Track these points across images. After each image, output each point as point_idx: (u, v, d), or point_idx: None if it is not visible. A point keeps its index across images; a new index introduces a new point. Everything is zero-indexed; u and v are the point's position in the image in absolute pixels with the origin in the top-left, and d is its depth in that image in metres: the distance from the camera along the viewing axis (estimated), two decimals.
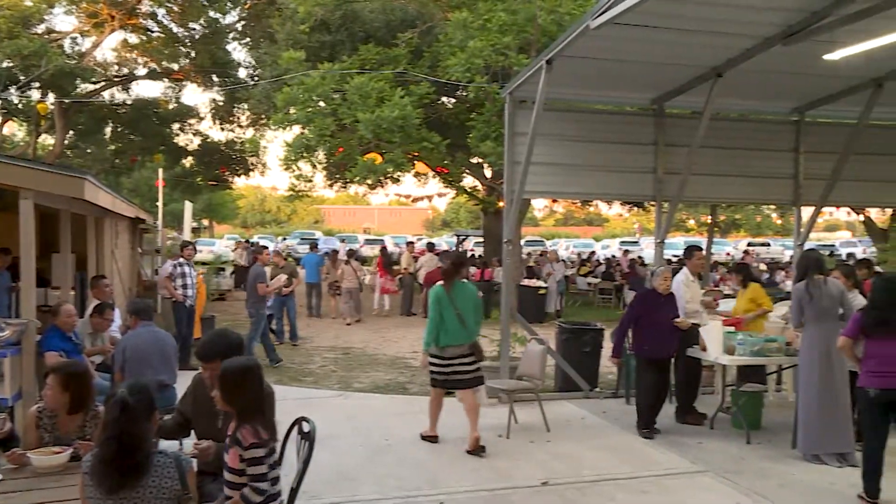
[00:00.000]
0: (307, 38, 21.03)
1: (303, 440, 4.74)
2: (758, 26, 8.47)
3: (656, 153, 10.87)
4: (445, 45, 18.32)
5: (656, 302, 8.53)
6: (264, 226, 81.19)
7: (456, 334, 7.79)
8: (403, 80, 19.04)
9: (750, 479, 7.00)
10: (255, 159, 32.29)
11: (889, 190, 12.26)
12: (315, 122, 18.72)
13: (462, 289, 7.90)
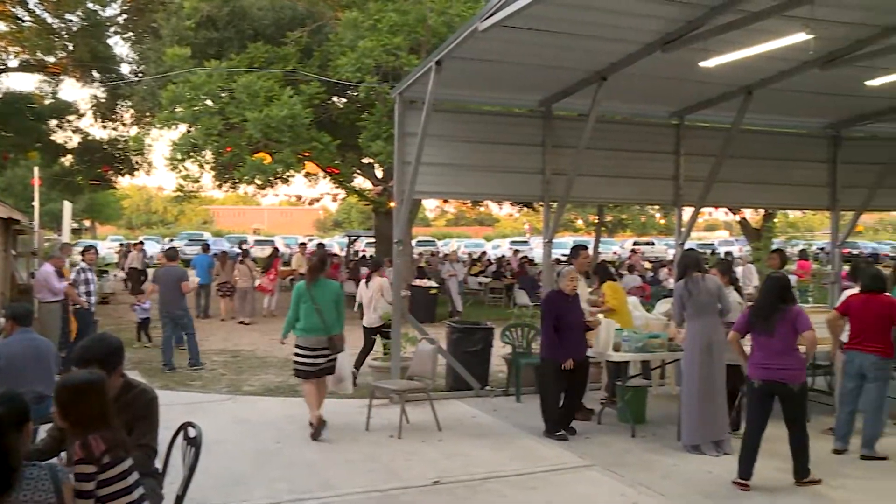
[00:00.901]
0: (193, 35, 20.48)
1: (189, 446, 4.61)
2: (639, 33, 8.76)
3: (544, 154, 11.07)
4: (336, 44, 18.18)
5: (565, 303, 8.46)
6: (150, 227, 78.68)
7: (313, 327, 8.34)
8: (293, 80, 18.79)
9: (635, 472, 7.21)
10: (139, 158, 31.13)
11: (761, 191, 12.88)
12: (202, 121, 18.26)
13: (324, 285, 8.48)
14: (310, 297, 8.35)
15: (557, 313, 8.36)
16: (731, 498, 6.60)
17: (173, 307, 12.46)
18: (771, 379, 6.79)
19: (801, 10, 7.64)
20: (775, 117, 12.79)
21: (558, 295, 8.51)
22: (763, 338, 6.88)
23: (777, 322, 6.81)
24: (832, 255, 14.16)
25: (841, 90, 10.90)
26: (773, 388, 6.79)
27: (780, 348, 6.78)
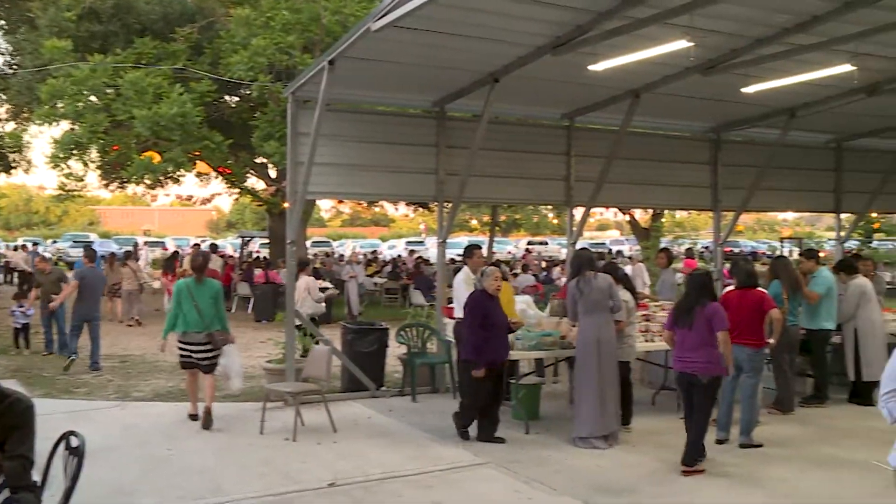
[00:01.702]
0: (74, 27, 19.64)
1: (71, 456, 4.45)
2: (530, 36, 8.93)
3: (438, 155, 11.13)
4: (227, 41, 17.81)
5: (490, 303, 8.25)
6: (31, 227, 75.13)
7: (193, 323, 8.75)
8: (183, 77, 18.31)
9: (528, 468, 7.34)
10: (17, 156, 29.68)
11: (648, 192, 13.32)
12: (86, 118, 17.58)
13: (204, 284, 8.94)
14: (189, 295, 8.77)
15: (484, 314, 8.12)
16: (621, 490, 6.81)
17: (94, 310, 12.32)
18: (684, 371, 7.34)
19: (681, 19, 7.96)
20: (661, 120, 13.26)
21: (483, 295, 8.25)
22: (683, 331, 7.37)
23: (696, 317, 7.28)
24: (715, 254, 14.77)
25: (720, 96, 11.38)
26: (687, 379, 7.33)
27: (695, 342, 7.26)
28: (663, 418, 9.21)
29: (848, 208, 15.34)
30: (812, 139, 14.63)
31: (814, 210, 16.99)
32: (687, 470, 7.15)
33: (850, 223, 16.10)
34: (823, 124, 13.59)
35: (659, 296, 11.26)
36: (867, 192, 14.89)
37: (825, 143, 14.94)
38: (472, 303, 8.29)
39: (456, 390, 10.12)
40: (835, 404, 9.97)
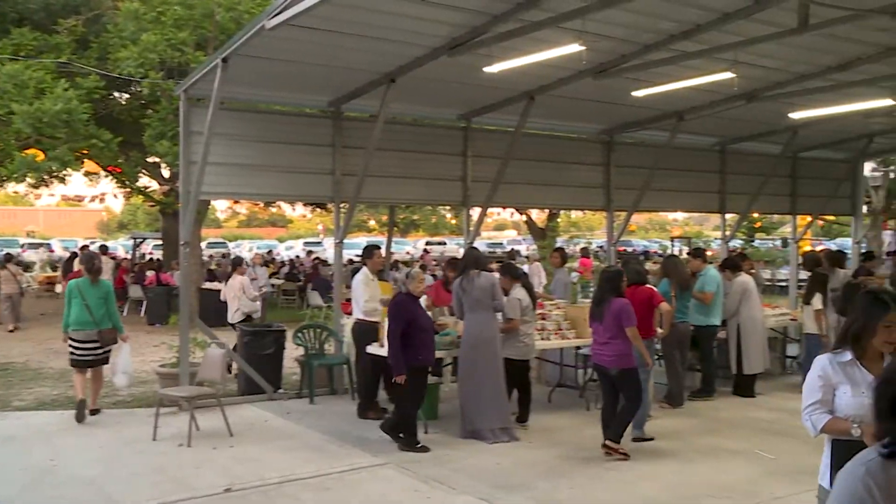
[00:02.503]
0: None
1: None
2: (426, 37, 8.97)
3: (334, 155, 11.05)
4: (116, 36, 17.16)
5: (415, 306, 8.16)
6: None
7: (83, 322, 9.07)
8: (68, 72, 17.56)
9: (427, 467, 7.38)
10: None
11: (544, 192, 13.56)
12: None
13: (97, 284, 9.23)
14: (80, 295, 9.06)
15: (411, 317, 7.95)
16: (518, 486, 6.91)
17: None
18: (596, 363, 7.85)
19: (574, 24, 8.14)
20: (556, 122, 13.52)
21: (408, 298, 8.09)
22: (596, 325, 7.80)
23: (605, 311, 7.63)
24: (608, 253, 15.15)
25: (612, 99, 11.69)
26: (600, 370, 7.82)
27: (605, 336, 7.62)
28: (560, 415, 9.41)
29: (732, 209, 15.98)
30: (699, 142, 15.21)
31: (701, 210, 17.64)
32: (608, 448, 7.58)
33: (734, 223, 16.78)
34: (709, 128, 14.14)
35: (553, 295, 11.48)
36: (749, 193, 15.56)
37: (711, 146, 15.55)
38: (397, 308, 8.02)
39: (354, 391, 10.08)
40: (721, 397, 10.39)
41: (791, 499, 6.57)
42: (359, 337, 9.53)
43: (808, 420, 3.76)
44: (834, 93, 11.52)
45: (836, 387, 3.69)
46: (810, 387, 3.79)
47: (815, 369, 3.81)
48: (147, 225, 62.87)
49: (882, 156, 20.25)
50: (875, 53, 10.24)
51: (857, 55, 10.36)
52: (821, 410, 3.71)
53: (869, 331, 3.63)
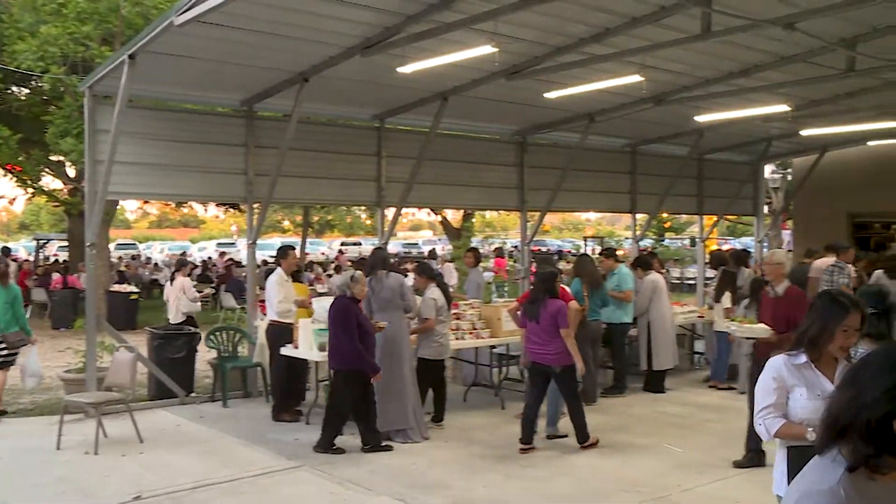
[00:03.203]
0: None
1: None
2: (339, 36, 8.92)
3: (247, 155, 10.89)
4: (12, 27, 16.47)
5: (359, 309, 8.00)
6: None
7: None
8: None
9: (343, 469, 7.34)
10: None
11: (458, 193, 13.65)
12: None
13: (6, 287, 9.23)
14: None
15: (359, 321, 7.88)
16: (434, 486, 6.95)
17: None
18: (538, 362, 7.87)
19: (486, 25, 8.23)
20: (470, 123, 13.61)
21: (353, 301, 7.95)
22: (531, 324, 7.89)
23: (541, 311, 7.77)
24: (522, 253, 15.35)
25: (525, 100, 11.86)
26: (542, 369, 7.88)
27: (544, 335, 7.75)
28: (475, 414, 9.49)
29: (642, 209, 16.39)
30: (610, 143, 15.55)
31: (612, 210, 18.03)
32: (583, 445, 7.92)
33: (644, 223, 17.22)
34: (619, 129, 14.47)
35: (467, 295, 11.56)
36: (658, 193, 15.99)
37: (621, 148, 15.91)
38: (344, 311, 7.86)
39: (269, 394, 9.97)
40: (632, 393, 10.63)
41: (698, 490, 6.78)
42: (273, 339, 9.41)
43: (762, 424, 3.66)
44: (736, 97, 11.95)
45: (791, 390, 3.61)
46: (764, 389, 3.69)
47: (769, 371, 3.73)
48: (51, 226, 60.64)
49: (780, 159, 21.09)
50: (772, 61, 10.69)
51: (755, 62, 10.78)
52: (774, 414, 3.63)
53: (827, 334, 3.54)
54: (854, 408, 1.95)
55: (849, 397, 1.99)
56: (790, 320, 6.73)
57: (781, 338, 6.75)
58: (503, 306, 9.92)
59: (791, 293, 7.07)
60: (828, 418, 2.03)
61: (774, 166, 24.02)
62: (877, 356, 2.02)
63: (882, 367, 1.97)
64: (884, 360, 1.99)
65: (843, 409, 1.99)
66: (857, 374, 2.02)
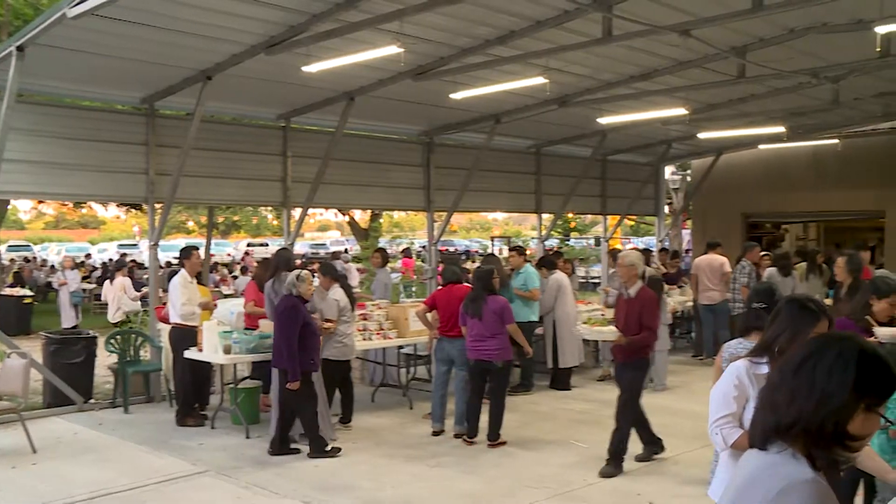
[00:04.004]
0: None
1: None
2: (243, 34, 8.78)
3: (148, 154, 10.61)
4: None
5: (305, 309, 7.92)
6: None
7: None
8: None
9: (249, 473, 7.25)
10: None
11: (365, 193, 13.62)
12: None
13: None
14: None
15: (305, 321, 7.81)
16: (342, 487, 6.92)
17: None
18: (480, 358, 8.04)
19: (392, 25, 8.22)
20: (376, 123, 13.56)
21: (299, 300, 7.85)
22: (473, 321, 8.04)
23: (484, 308, 7.91)
24: (430, 253, 15.40)
25: (431, 101, 11.90)
26: (483, 365, 8.05)
27: (487, 332, 7.89)
28: (383, 415, 9.49)
29: (547, 209, 16.66)
30: (515, 144, 15.75)
31: (518, 210, 18.25)
32: (492, 443, 8.05)
33: (550, 223, 17.50)
34: (525, 131, 14.67)
35: (374, 295, 11.53)
36: (563, 194, 16.29)
37: (527, 149, 16.14)
38: (293, 311, 7.76)
39: (173, 399, 9.72)
40: (539, 391, 10.81)
41: (603, 484, 6.95)
42: (176, 342, 9.19)
43: (718, 433, 3.59)
44: (637, 100, 12.29)
45: (750, 399, 3.52)
46: (724, 396, 3.62)
47: (730, 377, 3.65)
48: None
49: (680, 160, 21.76)
50: (670, 66, 11.04)
51: (655, 67, 11.12)
52: (732, 424, 3.56)
53: (797, 342, 3.30)
54: (813, 405, 1.90)
55: (802, 394, 1.92)
56: (642, 322, 7.03)
57: (634, 340, 7.07)
58: (410, 306, 9.94)
59: (643, 295, 7.21)
60: (773, 415, 1.97)
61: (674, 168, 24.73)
62: (823, 352, 1.95)
63: (837, 364, 1.91)
64: (836, 356, 1.92)
65: (791, 406, 1.93)
66: (802, 370, 1.95)
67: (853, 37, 9.64)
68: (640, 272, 7.33)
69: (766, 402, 2.04)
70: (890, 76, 12.30)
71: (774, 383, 2.02)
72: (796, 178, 17.73)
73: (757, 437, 2.03)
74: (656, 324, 7.39)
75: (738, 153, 18.07)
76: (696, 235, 20.47)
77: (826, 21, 9.46)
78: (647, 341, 7.23)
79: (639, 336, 7.11)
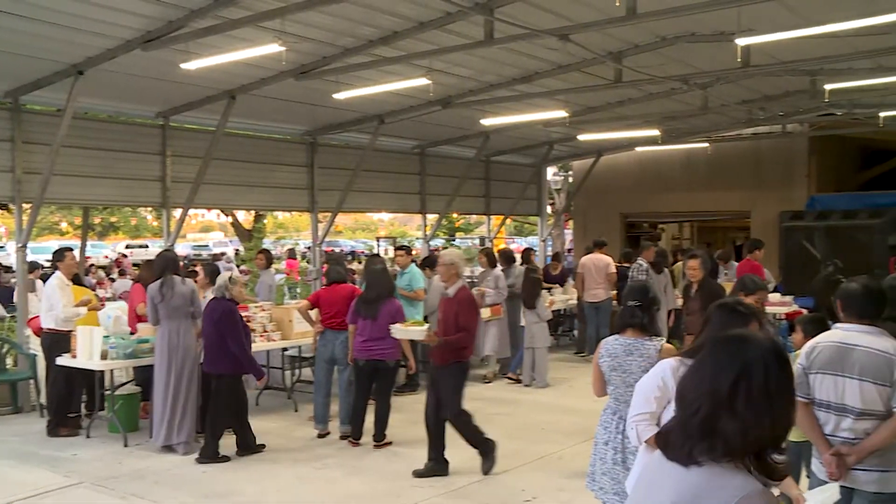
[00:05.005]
0: None
1: None
2: (117, 27, 8.50)
3: (14, 151, 10.09)
4: None
5: (238, 311, 7.84)
6: None
7: None
8: None
9: (127, 483, 7.00)
10: None
11: (248, 193, 13.40)
12: None
13: None
14: None
15: (243, 323, 7.72)
16: (225, 494, 6.79)
17: None
18: (372, 358, 7.92)
19: (273, 24, 8.13)
20: (259, 122, 13.37)
21: (233, 303, 7.76)
22: (366, 322, 7.96)
23: (381, 309, 7.85)
24: (314, 254, 15.28)
25: (315, 100, 11.82)
26: (374, 365, 7.95)
27: (379, 333, 7.82)
28: (268, 418, 9.33)
29: (432, 209, 16.80)
30: (400, 145, 15.81)
31: (403, 211, 18.31)
32: (377, 444, 8.02)
33: (435, 223, 17.63)
34: (409, 131, 14.75)
35: (258, 297, 11.34)
36: (447, 194, 16.45)
37: (411, 149, 16.23)
38: (229, 315, 7.65)
39: (43, 409, 9.29)
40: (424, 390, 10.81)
41: (486, 481, 7.05)
42: (50, 348, 8.79)
43: (634, 429, 3.68)
44: (519, 102, 12.55)
45: (671, 399, 3.48)
46: (645, 395, 3.68)
47: (655, 377, 3.70)
48: None
49: (561, 161, 22.33)
50: (550, 69, 11.32)
51: (535, 69, 11.38)
52: (649, 422, 3.64)
53: None
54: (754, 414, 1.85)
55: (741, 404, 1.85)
56: (459, 322, 6.93)
57: (448, 340, 6.95)
58: (295, 308, 9.83)
59: (461, 295, 7.07)
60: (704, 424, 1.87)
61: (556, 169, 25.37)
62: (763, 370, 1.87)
63: (782, 380, 1.88)
64: (780, 371, 1.88)
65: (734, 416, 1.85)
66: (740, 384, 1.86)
67: (718, 47, 10.15)
68: (460, 271, 7.18)
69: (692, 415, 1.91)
70: (751, 85, 13.05)
71: (706, 411, 1.88)
72: (670, 180, 18.50)
73: (684, 450, 1.90)
74: (473, 325, 7.15)
75: (616, 155, 18.68)
76: (577, 235, 21.05)
77: (693, 31, 9.94)
78: (463, 342, 6.98)
79: (454, 337, 6.93)
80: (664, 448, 1.96)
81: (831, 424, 3.87)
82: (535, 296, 11.12)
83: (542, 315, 11.18)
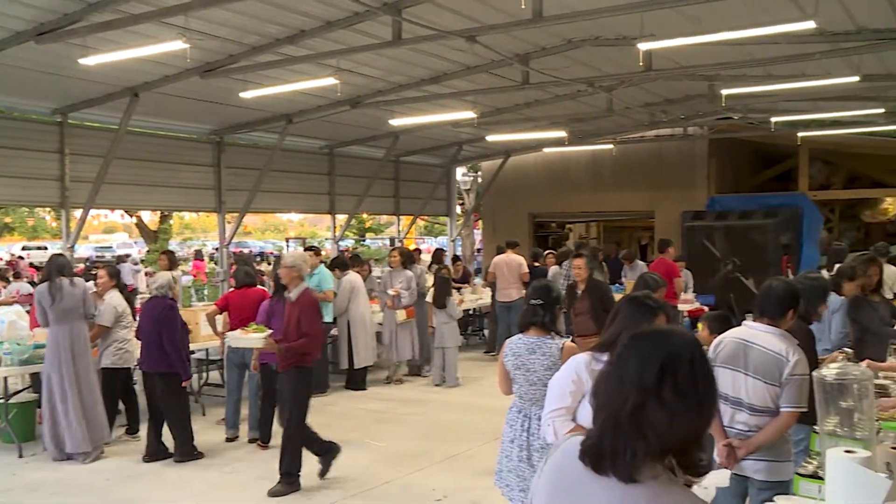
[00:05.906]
0: None
1: None
2: (7, 18, 8.18)
3: None
4: None
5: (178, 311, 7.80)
6: None
7: None
8: None
9: (21, 495, 6.77)
10: None
11: (152, 194, 13.06)
12: None
13: None
14: None
15: (182, 322, 7.62)
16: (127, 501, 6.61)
17: None
18: (272, 362, 7.50)
19: (177, 20, 7.93)
20: (164, 121, 13.05)
21: (174, 304, 7.70)
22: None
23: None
24: (222, 255, 15.01)
25: (221, 99, 11.59)
26: (271, 368, 7.58)
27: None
28: None
29: (341, 210, 16.71)
30: (308, 145, 15.68)
31: (312, 211, 18.16)
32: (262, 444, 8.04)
33: (344, 223, 17.54)
34: (317, 131, 14.64)
35: None
36: (356, 195, 16.40)
37: (320, 149, 16.10)
38: (170, 313, 7.65)
39: None
40: (335, 392, 10.81)
41: (397, 482, 7.06)
42: None
43: (551, 425, 3.66)
44: (428, 103, 12.61)
45: (586, 394, 3.53)
46: (560, 390, 3.68)
47: (568, 371, 3.71)
48: None
49: (470, 162, 22.52)
50: (458, 70, 11.42)
51: (444, 70, 11.45)
52: (565, 417, 3.65)
53: None
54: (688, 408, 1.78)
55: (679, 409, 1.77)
56: (301, 326, 6.59)
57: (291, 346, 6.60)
58: (202, 310, 9.63)
59: (303, 299, 6.73)
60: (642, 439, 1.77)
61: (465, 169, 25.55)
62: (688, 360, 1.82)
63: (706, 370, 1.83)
64: (703, 362, 1.84)
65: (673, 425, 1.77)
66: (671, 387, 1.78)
67: (621, 51, 10.41)
68: (302, 273, 6.84)
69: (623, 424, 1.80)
70: (654, 88, 13.44)
71: (633, 402, 1.79)
72: (577, 181, 18.87)
73: (625, 456, 1.78)
74: (316, 330, 6.81)
75: (524, 156, 18.95)
76: (486, 235, 21.24)
77: (598, 35, 10.17)
78: (306, 348, 6.65)
79: (296, 343, 6.59)
80: (597, 461, 1.81)
81: (727, 416, 4.08)
82: (446, 295, 11.18)
83: (453, 314, 11.25)
